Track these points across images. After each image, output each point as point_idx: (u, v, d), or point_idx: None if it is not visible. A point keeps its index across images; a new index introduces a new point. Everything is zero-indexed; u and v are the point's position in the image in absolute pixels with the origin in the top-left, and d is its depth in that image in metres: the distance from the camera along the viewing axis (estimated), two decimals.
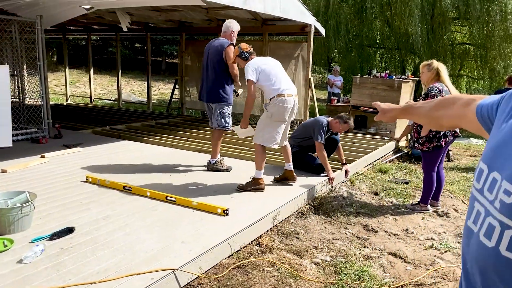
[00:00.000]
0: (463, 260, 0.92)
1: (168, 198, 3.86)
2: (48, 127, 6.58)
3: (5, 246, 2.78)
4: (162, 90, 20.07)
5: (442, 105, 1.26)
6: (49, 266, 2.58)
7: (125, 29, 7.16)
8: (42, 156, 5.28)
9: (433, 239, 3.75)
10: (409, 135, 7.49)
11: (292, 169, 4.61)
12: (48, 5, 6.38)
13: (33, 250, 2.68)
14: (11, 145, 5.18)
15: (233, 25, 5.02)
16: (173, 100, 12.49)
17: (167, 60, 26.58)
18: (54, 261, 2.64)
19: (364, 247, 3.53)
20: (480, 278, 0.82)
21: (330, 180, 4.85)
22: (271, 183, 4.67)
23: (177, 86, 11.56)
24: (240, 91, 5.46)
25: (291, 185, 4.58)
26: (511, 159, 0.80)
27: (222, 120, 4.99)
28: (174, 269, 2.60)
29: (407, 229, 3.94)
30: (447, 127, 1.37)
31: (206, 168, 5.12)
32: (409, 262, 3.31)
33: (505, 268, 0.75)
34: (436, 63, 4.34)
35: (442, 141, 4.24)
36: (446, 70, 4.40)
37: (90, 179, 4.34)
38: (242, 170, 5.15)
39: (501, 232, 0.77)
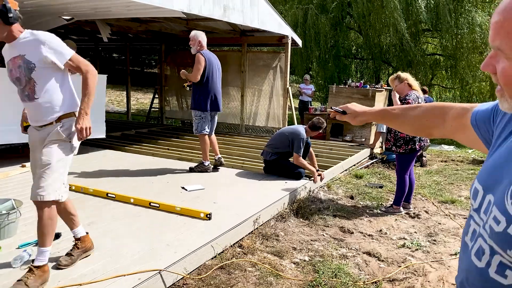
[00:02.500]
0: (459, 269, 0.96)
1: (152, 204, 3.97)
2: None
3: None
4: (141, 99, 20.01)
5: (432, 113, 1.20)
6: None
7: (105, 39, 7.24)
8: (23, 166, 5.29)
9: (405, 239, 3.97)
10: (382, 142, 7.80)
11: (86, 233, 2.97)
12: (28, 16, 6.41)
13: (21, 255, 2.75)
14: (104, 136, 6.27)
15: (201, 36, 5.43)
16: (152, 109, 12.53)
17: (145, 70, 26.53)
18: None
19: (341, 247, 3.72)
20: None
21: (321, 178, 5.22)
22: (252, 185, 4.82)
23: (156, 96, 11.63)
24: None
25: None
26: (503, 184, 0.81)
27: None
28: (160, 270, 2.72)
29: (380, 230, 4.16)
30: (438, 137, 1.31)
31: (190, 171, 5.54)
32: (382, 260, 3.51)
33: (493, 287, 0.80)
34: (403, 74, 4.63)
35: (417, 144, 4.51)
36: (412, 77, 4.70)
37: (74, 187, 4.40)
38: (225, 175, 5.29)
39: (491, 256, 0.80)
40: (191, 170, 5.51)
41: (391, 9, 11.42)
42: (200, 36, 5.35)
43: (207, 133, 5.44)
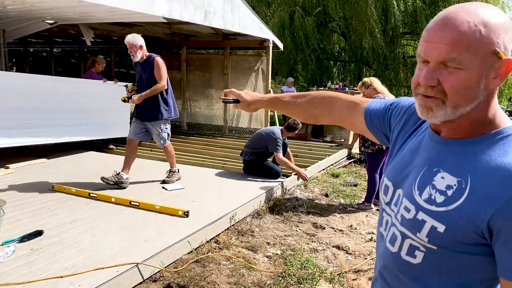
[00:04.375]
0: (376, 259, 1.09)
1: (132, 203, 4.14)
2: None
3: None
4: None
5: (320, 103, 1.30)
6: (20, 264, 2.82)
7: (88, 43, 7.36)
8: (7, 167, 5.40)
9: (373, 233, 4.20)
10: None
11: None
12: (11, 20, 6.51)
13: (5, 251, 2.91)
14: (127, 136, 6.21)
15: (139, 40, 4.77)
16: None
17: (131, 72, 26.50)
18: (25, 260, 2.88)
19: (312, 241, 3.94)
20: (388, 275, 1.01)
21: (304, 177, 5.38)
22: (231, 184, 5.02)
23: None
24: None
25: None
26: (409, 179, 0.96)
27: None
28: (137, 263, 2.90)
29: (351, 225, 4.39)
30: (325, 123, 1.43)
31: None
32: (350, 253, 3.73)
33: (406, 268, 0.94)
34: (368, 80, 4.89)
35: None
36: (378, 80, 4.96)
37: (56, 188, 4.54)
38: (205, 175, 5.48)
39: (402, 240, 0.94)
40: (164, 182, 5.08)
41: (368, 15, 11.77)
42: (139, 40, 4.72)
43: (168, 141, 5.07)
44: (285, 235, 4.03)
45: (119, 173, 4.82)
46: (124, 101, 4.87)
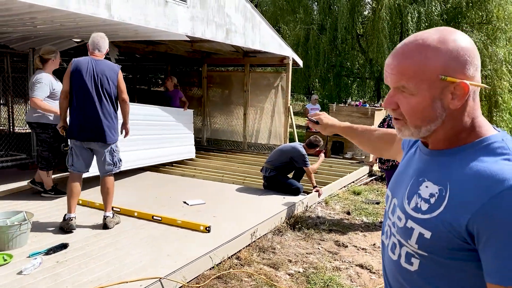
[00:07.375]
0: (383, 267, 1.13)
1: (155, 217, 4.17)
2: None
3: (5, 260, 3.05)
4: None
5: (387, 139, 1.43)
6: (47, 276, 2.85)
7: (113, 61, 7.55)
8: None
9: None
10: None
11: None
12: (40, 38, 6.76)
13: (32, 263, 2.95)
14: (194, 156, 7.54)
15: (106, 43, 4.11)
16: None
17: (152, 88, 27.00)
18: (51, 272, 2.92)
19: (335, 260, 3.88)
20: (392, 281, 1.05)
21: (319, 194, 5.50)
22: (252, 200, 5.01)
23: None
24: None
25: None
26: (402, 188, 1.02)
27: (117, 160, 4.04)
28: (160, 278, 2.90)
29: (374, 244, 4.31)
30: (387, 157, 1.60)
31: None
32: (374, 272, 3.66)
33: (406, 275, 0.97)
34: None
35: (397, 161, 4.71)
36: None
37: (80, 202, 4.61)
38: (226, 190, 5.49)
39: (400, 249, 0.98)
40: (64, 228, 3.76)
41: (385, 32, 11.82)
42: (91, 39, 4.04)
43: (74, 171, 3.92)
44: (307, 253, 3.98)
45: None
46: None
